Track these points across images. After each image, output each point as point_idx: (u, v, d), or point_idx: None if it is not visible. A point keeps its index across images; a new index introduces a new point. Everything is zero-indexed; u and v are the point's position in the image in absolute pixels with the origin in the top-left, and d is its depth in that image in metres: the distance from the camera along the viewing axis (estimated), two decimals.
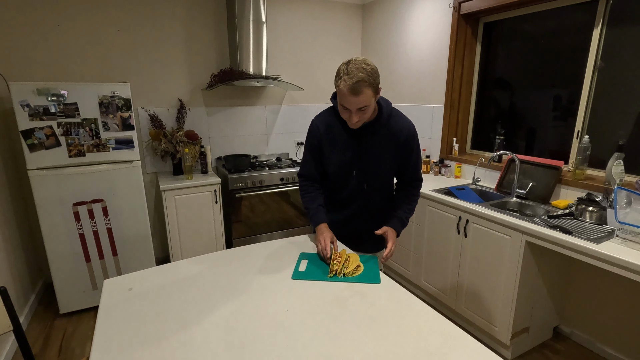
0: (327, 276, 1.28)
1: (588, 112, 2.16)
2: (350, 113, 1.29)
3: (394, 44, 3.33)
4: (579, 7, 2.14)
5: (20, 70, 2.53)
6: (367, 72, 1.21)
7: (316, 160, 1.53)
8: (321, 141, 1.48)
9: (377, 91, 1.28)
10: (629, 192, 1.65)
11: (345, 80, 1.22)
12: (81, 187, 2.32)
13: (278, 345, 0.93)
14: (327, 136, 1.47)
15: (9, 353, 2.07)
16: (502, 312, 2.00)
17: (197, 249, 2.88)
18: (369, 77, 1.22)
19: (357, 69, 1.21)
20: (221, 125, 3.28)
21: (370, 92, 1.24)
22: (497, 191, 2.46)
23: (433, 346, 0.93)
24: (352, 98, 1.23)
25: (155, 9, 2.84)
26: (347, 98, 1.24)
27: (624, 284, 1.93)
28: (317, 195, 1.55)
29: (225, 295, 1.16)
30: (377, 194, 1.53)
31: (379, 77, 1.27)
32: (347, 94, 1.23)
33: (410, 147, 1.47)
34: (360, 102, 1.24)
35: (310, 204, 1.54)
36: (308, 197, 1.55)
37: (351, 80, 1.21)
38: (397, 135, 1.43)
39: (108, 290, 1.21)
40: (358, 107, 1.26)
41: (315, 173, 1.55)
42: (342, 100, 1.27)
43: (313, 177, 1.56)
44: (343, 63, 1.27)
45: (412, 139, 1.46)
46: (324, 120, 1.49)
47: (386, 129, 1.43)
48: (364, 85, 1.21)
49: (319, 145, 1.49)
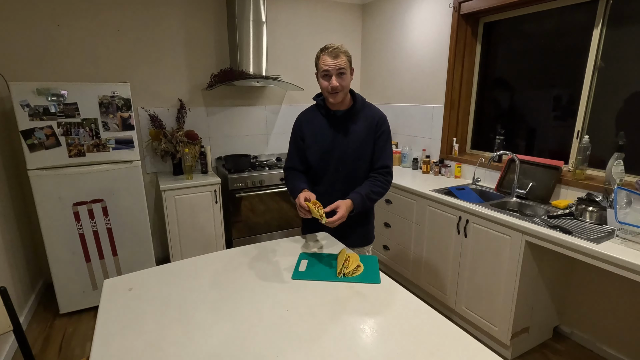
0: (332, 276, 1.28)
1: (588, 112, 2.16)
2: (330, 78, 1.46)
3: (394, 44, 3.33)
4: (579, 7, 2.14)
5: (20, 70, 2.53)
6: (343, 47, 1.48)
7: (300, 152, 1.66)
8: (304, 132, 1.63)
9: (351, 64, 1.52)
10: (629, 192, 1.65)
11: (324, 52, 1.47)
12: (81, 187, 2.32)
13: (278, 345, 0.93)
14: (308, 127, 1.63)
15: (9, 353, 2.07)
16: (502, 312, 2.00)
17: (197, 249, 2.88)
18: (343, 48, 1.48)
19: (334, 45, 1.48)
20: (221, 125, 3.28)
21: (345, 59, 1.47)
22: (497, 191, 2.46)
23: (433, 346, 0.93)
24: (331, 61, 1.45)
25: (155, 9, 2.84)
26: (327, 62, 1.46)
27: (624, 284, 1.93)
28: (300, 177, 1.65)
29: (225, 295, 1.16)
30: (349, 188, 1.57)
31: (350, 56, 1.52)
32: (328, 58, 1.45)
33: (382, 131, 1.59)
34: (339, 64, 1.45)
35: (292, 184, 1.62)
36: (291, 181, 1.64)
37: (331, 48, 1.46)
38: (370, 120, 1.58)
39: (108, 290, 1.21)
40: (337, 68, 1.45)
41: (299, 165, 1.66)
42: (323, 65, 1.47)
43: (297, 168, 1.67)
44: None
45: (383, 123, 1.60)
46: (306, 115, 1.67)
47: (361, 114, 1.59)
48: (340, 52, 1.46)
49: (302, 137, 1.64)
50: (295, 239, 1.62)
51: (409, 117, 3.27)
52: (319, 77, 1.52)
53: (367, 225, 1.73)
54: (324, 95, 1.56)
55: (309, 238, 1.63)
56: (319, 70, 1.50)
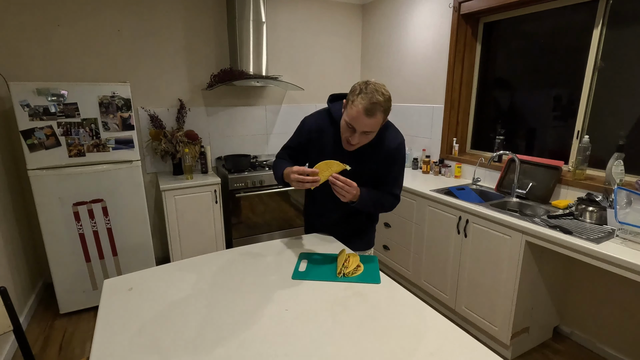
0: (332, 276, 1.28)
1: (588, 112, 2.16)
2: (353, 133, 1.25)
3: (394, 44, 3.33)
4: (579, 7, 2.14)
5: (20, 70, 2.53)
6: (385, 98, 1.20)
7: (297, 152, 1.53)
8: (310, 142, 1.47)
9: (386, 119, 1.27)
10: (629, 192, 1.65)
11: (363, 98, 1.18)
12: (81, 187, 2.32)
13: (278, 345, 0.93)
14: (317, 140, 1.45)
15: (9, 353, 2.07)
16: (502, 312, 2.00)
17: (197, 249, 2.88)
18: (385, 103, 1.21)
19: (376, 91, 1.19)
20: (221, 125, 3.28)
21: (381, 118, 1.22)
22: (497, 191, 2.46)
23: (433, 346, 0.93)
24: (364, 119, 1.20)
25: (155, 9, 2.84)
26: (359, 118, 1.20)
27: (624, 284, 1.93)
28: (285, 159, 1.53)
29: (225, 295, 1.16)
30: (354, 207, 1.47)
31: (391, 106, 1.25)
32: (361, 113, 1.19)
33: (396, 159, 1.41)
34: (371, 124, 1.21)
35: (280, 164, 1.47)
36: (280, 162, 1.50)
37: (369, 101, 1.18)
38: (386, 150, 1.39)
39: (108, 290, 1.21)
40: (365, 130, 1.23)
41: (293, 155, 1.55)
42: (351, 119, 1.22)
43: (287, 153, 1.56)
44: (361, 82, 1.23)
45: (399, 151, 1.41)
46: (317, 123, 1.46)
47: (377, 140, 1.38)
48: (379, 109, 1.19)
49: (306, 145, 1.49)
50: (295, 239, 1.62)
51: (409, 117, 3.27)
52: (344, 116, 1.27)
53: (369, 231, 1.65)
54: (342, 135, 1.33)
55: (309, 238, 1.63)
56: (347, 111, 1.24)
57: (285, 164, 1.45)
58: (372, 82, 1.22)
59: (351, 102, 1.22)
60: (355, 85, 1.24)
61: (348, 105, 1.24)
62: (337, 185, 1.27)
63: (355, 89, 1.22)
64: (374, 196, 1.40)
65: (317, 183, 1.26)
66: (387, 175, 1.43)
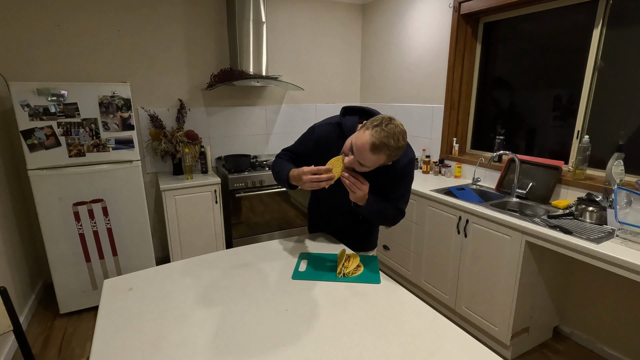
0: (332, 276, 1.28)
1: (588, 112, 2.16)
2: (352, 158, 1.21)
3: (394, 44, 3.33)
4: (579, 7, 2.14)
5: (20, 70, 2.53)
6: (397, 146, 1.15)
7: (300, 158, 1.51)
8: (316, 152, 1.43)
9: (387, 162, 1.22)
10: (629, 192, 1.65)
11: (377, 132, 1.12)
12: (81, 187, 2.32)
13: (278, 345, 0.93)
14: (324, 150, 1.40)
15: (9, 353, 2.07)
16: (502, 312, 2.00)
17: (197, 249, 2.88)
18: (393, 150, 1.15)
19: (393, 135, 1.13)
20: (221, 125, 3.28)
21: (383, 159, 1.18)
22: (497, 191, 2.46)
23: (433, 346, 0.93)
24: (367, 152, 1.14)
25: (156, 9, 2.84)
26: (363, 149, 1.15)
27: (624, 284, 1.93)
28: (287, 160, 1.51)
29: (225, 296, 1.16)
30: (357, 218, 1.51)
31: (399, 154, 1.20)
32: (367, 145, 1.13)
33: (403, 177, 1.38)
34: (371, 160, 1.17)
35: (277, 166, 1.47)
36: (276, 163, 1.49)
37: (380, 139, 1.12)
38: (394, 168, 1.35)
39: (108, 290, 1.21)
40: (363, 162, 1.18)
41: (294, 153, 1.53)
42: (356, 145, 1.17)
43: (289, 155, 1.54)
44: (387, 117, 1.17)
45: (408, 170, 1.38)
46: (327, 134, 1.41)
47: None
48: (384, 151, 1.14)
49: (311, 153, 1.46)
50: (295, 239, 1.62)
51: (409, 117, 3.27)
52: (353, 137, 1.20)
53: (372, 235, 1.65)
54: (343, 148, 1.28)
55: (309, 238, 1.63)
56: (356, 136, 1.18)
57: (288, 165, 1.42)
58: (396, 123, 1.15)
59: (365, 128, 1.16)
60: (379, 116, 1.19)
61: (362, 129, 1.18)
62: (350, 180, 1.23)
63: (377, 119, 1.16)
64: (380, 205, 1.36)
65: (332, 180, 1.24)
66: (395, 190, 1.39)
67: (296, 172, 1.31)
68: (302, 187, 1.30)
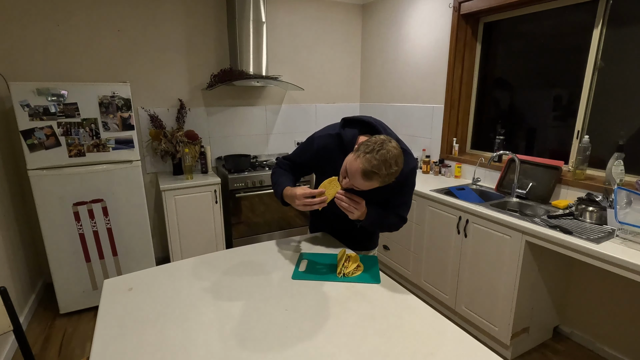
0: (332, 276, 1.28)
1: (588, 112, 2.16)
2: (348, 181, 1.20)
3: (394, 44, 3.33)
4: (579, 7, 2.14)
5: (20, 70, 2.53)
6: (388, 172, 1.11)
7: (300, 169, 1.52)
8: (317, 162, 1.43)
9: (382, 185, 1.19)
10: (629, 192, 1.65)
11: (368, 160, 1.10)
12: (81, 187, 2.32)
13: (278, 345, 0.93)
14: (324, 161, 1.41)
15: (9, 353, 2.07)
16: (502, 312, 2.00)
17: (197, 249, 2.88)
18: (385, 177, 1.12)
19: (384, 162, 1.10)
20: (221, 125, 3.28)
21: (376, 184, 1.16)
22: (497, 191, 2.46)
23: (433, 346, 0.93)
24: (359, 178, 1.13)
25: (156, 9, 2.84)
26: (356, 175, 1.14)
27: (624, 284, 1.93)
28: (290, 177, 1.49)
29: (225, 296, 1.16)
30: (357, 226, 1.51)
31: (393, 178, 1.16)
32: (359, 172, 1.12)
33: (405, 185, 1.37)
34: (363, 185, 1.16)
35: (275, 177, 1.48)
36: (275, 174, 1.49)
37: (371, 167, 1.10)
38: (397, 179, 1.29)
39: (108, 290, 1.21)
40: (358, 187, 1.18)
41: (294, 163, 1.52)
42: (349, 170, 1.16)
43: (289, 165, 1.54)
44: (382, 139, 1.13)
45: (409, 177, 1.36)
46: (326, 145, 1.39)
47: None
48: (376, 178, 1.12)
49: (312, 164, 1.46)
50: (295, 239, 1.62)
51: (409, 117, 3.27)
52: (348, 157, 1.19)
53: (373, 234, 1.64)
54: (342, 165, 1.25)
55: (309, 238, 1.63)
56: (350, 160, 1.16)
57: (285, 180, 1.42)
58: (388, 147, 1.11)
59: (359, 152, 1.13)
60: (372, 140, 1.14)
61: (355, 153, 1.15)
62: (344, 203, 1.24)
63: (369, 144, 1.13)
64: (381, 216, 1.36)
65: (324, 203, 1.24)
66: (397, 198, 1.39)
67: (289, 193, 1.32)
68: (295, 207, 1.30)
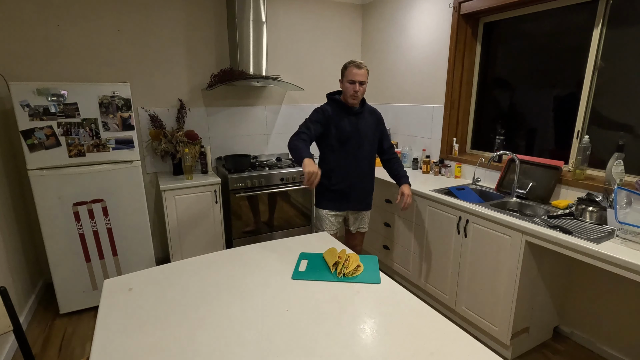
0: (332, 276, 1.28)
1: (588, 112, 2.16)
2: (356, 85, 1.96)
3: (394, 44, 3.33)
4: (579, 7, 2.14)
5: (20, 70, 2.53)
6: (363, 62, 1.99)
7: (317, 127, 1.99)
8: (329, 119, 2.03)
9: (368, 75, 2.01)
10: (629, 192, 1.65)
11: (351, 63, 1.98)
12: (81, 187, 2.32)
13: (278, 345, 0.93)
14: (334, 118, 2.05)
15: (9, 353, 2.07)
16: (502, 312, 2.00)
17: (197, 249, 2.88)
18: (365, 64, 1.99)
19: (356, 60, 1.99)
20: (221, 125, 3.28)
21: (366, 71, 1.98)
22: (497, 191, 2.46)
23: (433, 346, 0.93)
24: (358, 71, 1.95)
25: (155, 9, 2.85)
26: (355, 73, 1.95)
27: (624, 284, 1.93)
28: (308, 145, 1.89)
29: (225, 296, 1.16)
30: (366, 161, 2.14)
31: None
32: (355, 69, 1.95)
33: (383, 121, 2.22)
34: (363, 74, 1.97)
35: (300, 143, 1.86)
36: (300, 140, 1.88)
37: (355, 64, 1.97)
38: (375, 114, 2.18)
39: (108, 290, 1.21)
40: (361, 79, 1.96)
41: (312, 134, 1.96)
42: (351, 75, 1.96)
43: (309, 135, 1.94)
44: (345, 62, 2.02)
45: (381, 115, 2.21)
46: (329, 109, 2.06)
47: (366, 110, 2.14)
48: (363, 66, 1.97)
49: (326, 121, 2.03)
50: (295, 239, 1.62)
51: (409, 117, 3.28)
52: (345, 82, 2.00)
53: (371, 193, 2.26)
54: (346, 97, 2.03)
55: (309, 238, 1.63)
56: (345, 77, 1.99)
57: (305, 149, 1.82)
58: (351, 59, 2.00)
59: (346, 70, 1.99)
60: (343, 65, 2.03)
61: (345, 74, 2.00)
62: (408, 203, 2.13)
63: (345, 66, 2.01)
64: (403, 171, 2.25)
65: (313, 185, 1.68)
66: (384, 132, 2.23)
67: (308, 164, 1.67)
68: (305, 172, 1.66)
